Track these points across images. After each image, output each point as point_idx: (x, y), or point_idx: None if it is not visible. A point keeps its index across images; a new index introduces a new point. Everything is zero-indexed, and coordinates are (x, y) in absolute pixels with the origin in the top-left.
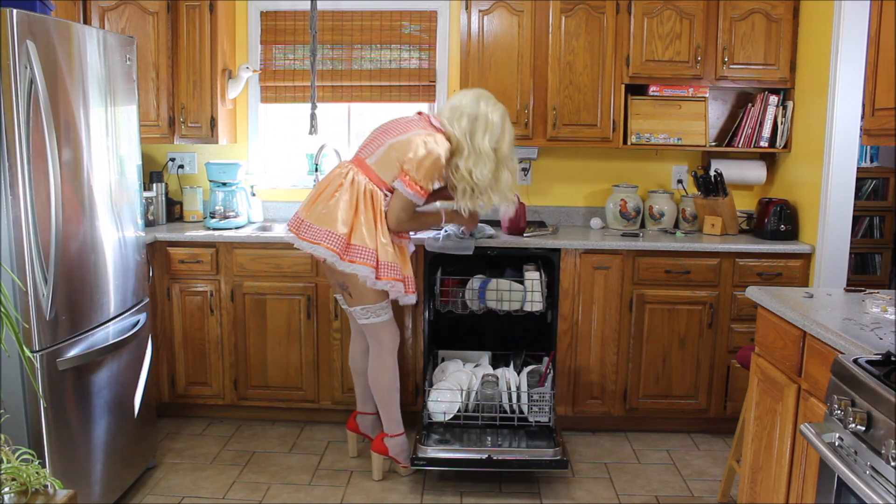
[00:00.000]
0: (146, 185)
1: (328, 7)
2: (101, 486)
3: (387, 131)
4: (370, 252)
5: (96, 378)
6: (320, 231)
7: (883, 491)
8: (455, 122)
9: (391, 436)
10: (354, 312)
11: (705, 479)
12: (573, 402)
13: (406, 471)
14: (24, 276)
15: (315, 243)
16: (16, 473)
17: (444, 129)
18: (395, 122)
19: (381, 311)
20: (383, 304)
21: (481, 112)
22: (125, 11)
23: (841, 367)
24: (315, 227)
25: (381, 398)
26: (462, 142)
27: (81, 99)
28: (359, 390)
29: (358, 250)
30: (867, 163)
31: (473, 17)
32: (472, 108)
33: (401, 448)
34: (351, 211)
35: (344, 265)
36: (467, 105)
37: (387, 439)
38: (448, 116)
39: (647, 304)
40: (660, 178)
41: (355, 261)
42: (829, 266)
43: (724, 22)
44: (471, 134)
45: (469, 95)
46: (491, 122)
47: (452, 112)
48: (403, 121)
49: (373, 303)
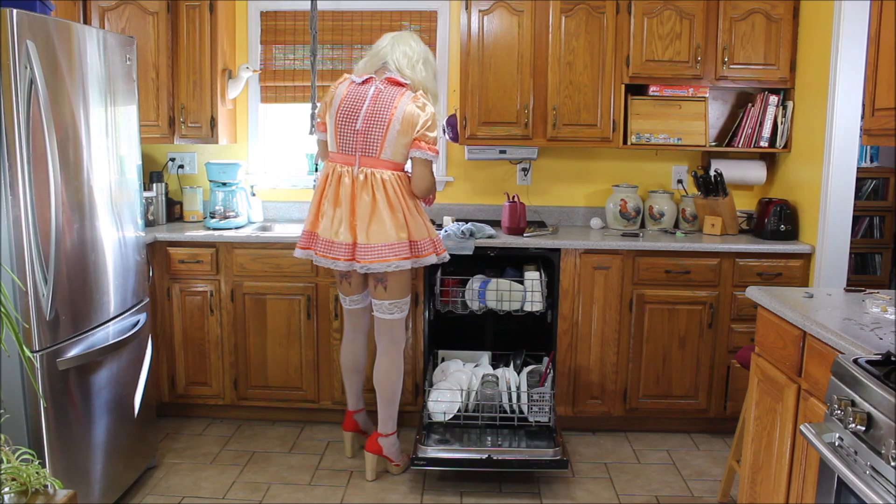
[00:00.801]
0: (146, 185)
1: (328, 7)
2: (101, 486)
3: (378, 122)
4: (428, 241)
5: (96, 378)
6: (383, 247)
7: (883, 491)
8: (418, 72)
9: (385, 435)
10: (381, 307)
11: (705, 479)
12: (573, 402)
13: (398, 469)
14: (24, 276)
15: (387, 260)
16: (16, 473)
17: (412, 83)
18: (378, 108)
19: (405, 305)
20: (408, 300)
21: (427, 55)
22: (125, 11)
23: (841, 367)
24: (376, 246)
25: (388, 397)
26: (427, 87)
27: (81, 99)
28: (354, 389)
29: (422, 244)
30: (867, 163)
31: (473, 17)
32: (419, 52)
33: (394, 447)
34: (399, 213)
35: (421, 261)
36: (416, 51)
37: (381, 439)
38: (407, 65)
39: (647, 304)
40: (660, 178)
41: (425, 254)
42: (829, 266)
43: (724, 22)
44: (428, 79)
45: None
46: (432, 62)
47: (408, 61)
48: (384, 103)
49: (402, 297)
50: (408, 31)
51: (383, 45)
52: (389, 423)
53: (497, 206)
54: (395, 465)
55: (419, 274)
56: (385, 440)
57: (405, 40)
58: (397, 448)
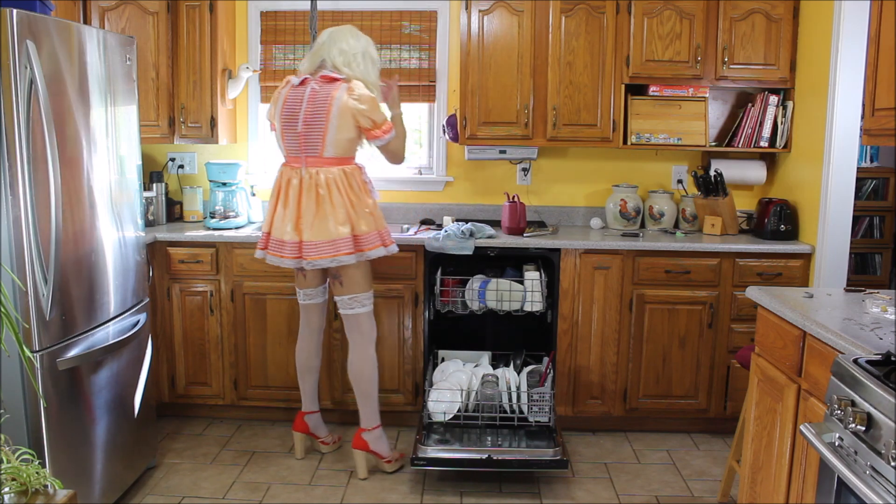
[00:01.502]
0: (146, 185)
1: (328, 7)
2: (101, 486)
3: (317, 122)
4: (375, 234)
5: (96, 378)
6: (325, 243)
7: (883, 491)
8: (354, 67)
9: (369, 430)
10: (342, 303)
11: (705, 479)
12: (573, 402)
13: (391, 466)
14: (24, 276)
15: (328, 256)
16: (16, 473)
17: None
18: (314, 108)
19: (367, 300)
20: (370, 294)
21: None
22: (125, 11)
23: (841, 367)
24: (319, 243)
25: (365, 391)
26: (367, 80)
27: (81, 99)
28: (308, 389)
29: (367, 238)
30: (867, 163)
31: (473, 17)
32: (356, 47)
33: (380, 440)
34: (340, 209)
35: (367, 255)
36: (352, 46)
37: (364, 434)
38: (343, 63)
39: (647, 304)
40: (660, 178)
41: (369, 247)
42: (829, 266)
43: (724, 22)
44: (368, 72)
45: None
46: (372, 54)
47: (344, 58)
48: (320, 102)
49: (361, 291)
50: (347, 26)
51: (321, 43)
52: (371, 418)
53: (497, 206)
54: (386, 463)
55: (419, 274)
56: (369, 434)
57: (342, 37)
58: (384, 442)
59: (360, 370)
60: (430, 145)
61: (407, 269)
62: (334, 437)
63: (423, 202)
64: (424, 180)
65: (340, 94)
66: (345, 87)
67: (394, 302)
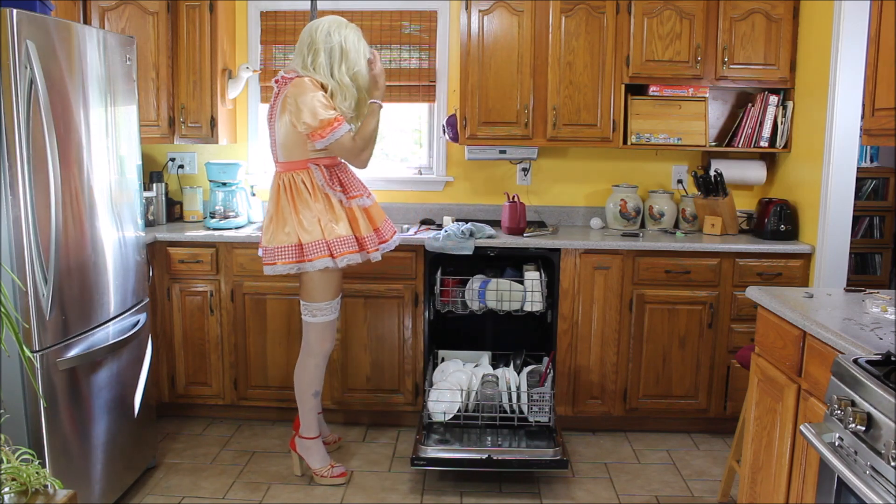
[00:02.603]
0: (146, 185)
1: (328, 7)
2: (101, 486)
3: (271, 127)
4: (321, 243)
5: (96, 378)
6: (272, 250)
7: (883, 491)
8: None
9: (303, 437)
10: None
11: (705, 479)
12: (573, 402)
13: (322, 480)
14: (24, 276)
15: (271, 264)
16: (16, 473)
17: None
18: (272, 112)
19: (317, 311)
20: (322, 306)
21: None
22: (125, 11)
23: (841, 367)
24: (268, 249)
25: (297, 397)
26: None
27: (81, 99)
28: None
29: (311, 247)
30: (867, 163)
31: (473, 17)
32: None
33: (309, 451)
34: (283, 216)
35: (307, 266)
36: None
37: (297, 438)
38: (300, 65)
39: (647, 304)
40: (660, 178)
41: (314, 258)
42: (829, 266)
43: (724, 22)
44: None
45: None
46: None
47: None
48: (274, 108)
49: (312, 301)
50: (308, 25)
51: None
52: (306, 427)
53: (497, 206)
54: (314, 474)
55: (419, 274)
56: (300, 441)
57: (302, 41)
58: (316, 455)
59: (296, 376)
60: (430, 145)
61: (407, 269)
62: (334, 437)
63: (423, 202)
64: (424, 180)
65: (285, 94)
66: (291, 84)
67: (394, 302)
